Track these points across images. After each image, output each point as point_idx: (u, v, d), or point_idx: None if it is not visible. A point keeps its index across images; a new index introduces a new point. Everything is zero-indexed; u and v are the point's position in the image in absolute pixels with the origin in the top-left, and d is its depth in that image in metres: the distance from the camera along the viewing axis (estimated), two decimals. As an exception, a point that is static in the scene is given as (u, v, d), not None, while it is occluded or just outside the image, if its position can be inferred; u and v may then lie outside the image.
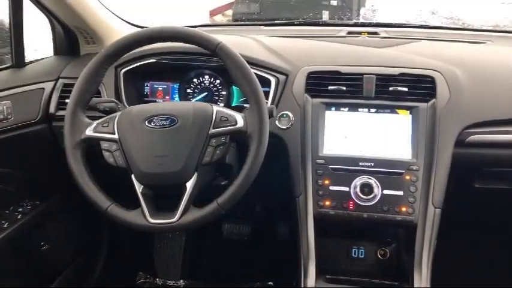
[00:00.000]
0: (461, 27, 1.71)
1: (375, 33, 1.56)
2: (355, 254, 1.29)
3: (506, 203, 1.39)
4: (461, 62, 1.29)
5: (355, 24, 1.70)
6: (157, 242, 1.90)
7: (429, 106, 1.19)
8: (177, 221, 0.99)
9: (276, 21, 1.75)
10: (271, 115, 1.09)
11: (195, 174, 1.00)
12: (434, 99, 1.20)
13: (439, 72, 1.23)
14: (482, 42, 1.48)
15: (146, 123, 1.02)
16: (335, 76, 1.25)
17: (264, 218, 1.80)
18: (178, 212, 0.99)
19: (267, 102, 1.24)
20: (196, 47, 1.06)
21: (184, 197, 0.99)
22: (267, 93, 1.25)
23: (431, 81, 1.21)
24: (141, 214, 1.01)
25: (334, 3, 4.93)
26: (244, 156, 1.01)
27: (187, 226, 1.00)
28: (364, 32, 1.57)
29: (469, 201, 1.38)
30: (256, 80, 1.04)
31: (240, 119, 1.03)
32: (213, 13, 5.31)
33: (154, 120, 1.02)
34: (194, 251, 1.91)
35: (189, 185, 1.00)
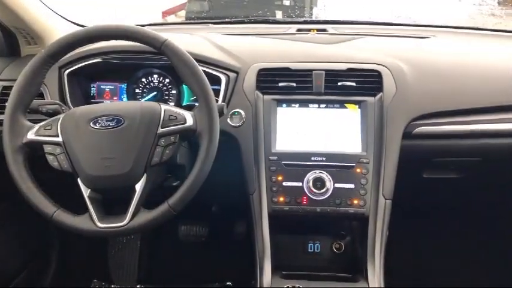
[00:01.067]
0: (406, 23, 1.75)
1: (324, 30, 1.58)
2: (311, 249, 1.30)
3: (454, 191, 1.44)
4: (407, 57, 1.32)
5: (305, 22, 1.71)
6: (112, 247, 1.85)
7: (377, 100, 1.22)
8: (127, 224, 0.96)
9: (226, 20, 1.74)
10: (221, 113, 1.07)
11: (144, 175, 0.98)
12: (381, 93, 1.22)
13: (385, 66, 1.26)
14: (426, 37, 1.52)
15: (91, 124, 0.99)
16: (285, 73, 1.25)
17: (221, 217, 1.79)
18: (128, 215, 0.96)
19: (217, 100, 1.24)
20: (143, 45, 1.04)
21: (134, 200, 0.97)
22: (217, 91, 1.24)
23: (378, 75, 1.24)
24: (89, 219, 0.97)
25: (287, 2, 4.98)
26: (197, 155, 1.00)
27: (137, 229, 0.98)
28: (314, 29, 1.58)
29: (419, 191, 1.42)
30: (205, 77, 1.02)
31: (189, 118, 1.01)
32: (165, 14, 5.23)
33: (99, 121, 0.99)
34: (150, 255, 1.87)
35: (139, 187, 0.97)
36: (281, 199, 1.17)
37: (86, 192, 0.98)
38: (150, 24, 1.68)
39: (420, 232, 1.72)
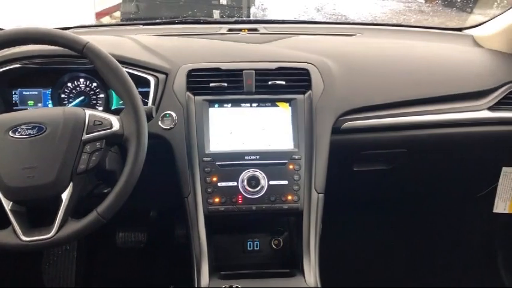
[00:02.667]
0: (334, 21, 1.81)
1: (255, 29, 1.59)
2: (250, 247, 1.31)
3: (383, 183, 1.51)
4: (334, 54, 1.36)
5: (236, 22, 1.72)
6: (46, 260, 1.76)
7: (306, 97, 1.25)
8: (54, 236, 0.92)
9: (156, 21, 1.71)
10: (150, 116, 1.06)
11: (71, 184, 0.94)
12: (310, 91, 1.25)
13: (313, 64, 1.29)
14: (352, 35, 1.58)
15: (10, 133, 0.94)
16: (216, 73, 1.25)
17: (159, 222, 1.76)
18: (55, 226, 0.93)
19: (147, 103, 1.22)
20: (63, 48, 1.00)
21: (61, 210, 0.93)
22: (146, 94, 1.22)
23: (306, 73, 1.27)
24: (13, 233, 0.93)
25: (224, 2, 4.99)
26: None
27: (66, 240, 0.94)
28: (244, 29, 1.59)
29: (350, 184, 1.47)
30: (130, 79, 1.00)
31: (115, 122, 0.98)
32: (99, 15, 5.06)
33: (19, 130, 0.94)
34: (88, 265, 1.81)
35: (65, 196, 0.94)
36: (216, 200, 1.17)
37: (7, 205, 0.93)
38: (78, 27, 1.62)
39: (354, 224, 1.79)
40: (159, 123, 1.20)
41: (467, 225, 1.86)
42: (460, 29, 1.70)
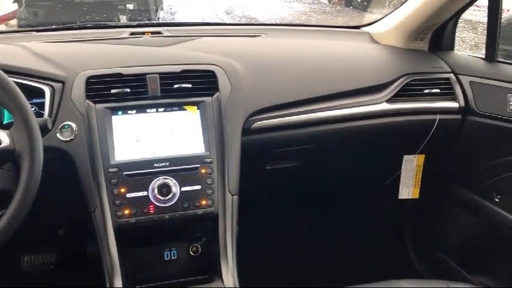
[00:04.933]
0: (240, 22, 1.82)
1: (158, 32, 1.55)
2: (168, 257, 1.26)
3: (296, 179, 1.54)
4: (239, 55, 1.37)
5: (138, 25, 1.66)
6: None
7: (214, 100, 1.23)
8: None
9: (52, 27, 1.60)
10: (45, 128, 0.98)
11: None
12: (217, 93, 1.24)
13: (219, 66, 1.28)
14: (257, 35, 1.59)
15: None
16: (117, 79, 1.19)
17: (69, 240, 1.65)
18: None
19: (43, 114, 1.13)
20: None
21: None
22: (42, 105, 1.13)
23: (213, 75, 1.25)
24: None
25: (131, 6, 4.83)
26: None
27: None
28: (148, 32, 1.54)
29: (265, 183, 1.49)
30: (18, 91, 0.92)
31: (4, 137, 0.90)
32: (-6, 23, 4.67)
33: None
34: None
35: None
36: (126, 212, 1.11)
37: None
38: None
39: (271, 222, 1.81)
40: (58, 135, 1.12)
41: (376, 213, 1.96)
42: (358, 27, 1.79)
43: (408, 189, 1.63)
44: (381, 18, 1.70)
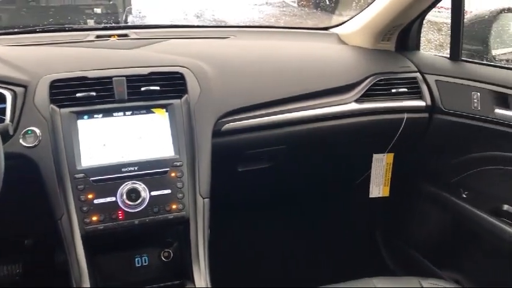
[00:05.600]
0: (208, 24, 1.81)
1: (125, 35, 1.52)
2: (139, 263, 1.24)
3: (268, 180, 1.54)
4: (208, 57, 1.36)
5: (105, 28, 1.63)
6: None
7: (183, 102, 1.22)
8: None
9: (13, 30, 1.55)
10: (6, 134, 0.95)
11: None
12: (186, 95, 1.23)
13: (187, 68, 1.26)
14: (226, 37, 1.58)
15: None
16: (83, 82, 1.16)
17: (37, 249, 1.60)
18: None
19: (3, 120, 1.09)
20: None
21: None
22: (3, 110, 1.09)
23: (181, 77, 1.24)
24: None
25: (98, 10, 4.75)
26: None
27: None
28: (114, 35, 1.51)
29: (237, 185, 1.48)
30: None
31: None
32: (-46, 28, 4.51)
33: None
34: None
35: None
36: (94, 218, 1.08)
37: None
38: None
39: (244, 224, 1.80)
40: (21, 141, 1.08)
41: (348, 212, 1.98)
42: (326, 28, 1.80)
43: (378, 187, 1.65)
44: (349, 20, 1.72)
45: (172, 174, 1.15)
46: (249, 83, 1.34)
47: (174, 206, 1.14)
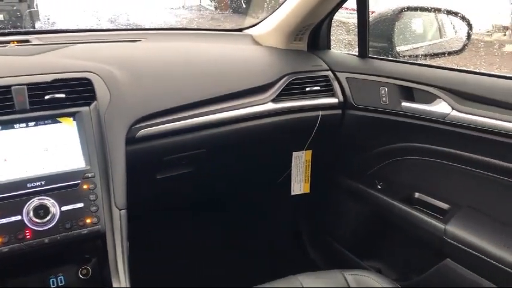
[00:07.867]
0: (117, 28, 1.74)
1: (26, 41, 1.42)
2: (54, 284, 1.15)
3: (191, 185, 1.50)
4: (118, 61, 1.30)
5: (2, 34, 1.50)
6: None
7: (92, 109, 1.15)
8: None
9: None
10: None
11: None
12: (95, 102, 1.16)
13: (95, 73, 1.20)
14: (137, 40, 1.53)
15: None
16: None
17: None
18: None
19: None
20: None
21: None
22: None
23: (89, 83, 1.17)
24: None
25: (1, 17, 4.41)
26: None
27: None
28: (13, 41, 1.40)
29: (156, 193, 1.43)
30: None
31: None
32: None
33: None
34: None
35: None
36: None
37: None
38: None
39: (167, 232, 1.75)
40: None
41: (273, 211, 2.00)
42: (240, 30, 1.81)
43: (299, 184, 1.68)
44: (262, 21, 1.73)
45: (84, 187, 1.08)
46: (163, 87, 1.31)
47: (88, 220, 1.07)
